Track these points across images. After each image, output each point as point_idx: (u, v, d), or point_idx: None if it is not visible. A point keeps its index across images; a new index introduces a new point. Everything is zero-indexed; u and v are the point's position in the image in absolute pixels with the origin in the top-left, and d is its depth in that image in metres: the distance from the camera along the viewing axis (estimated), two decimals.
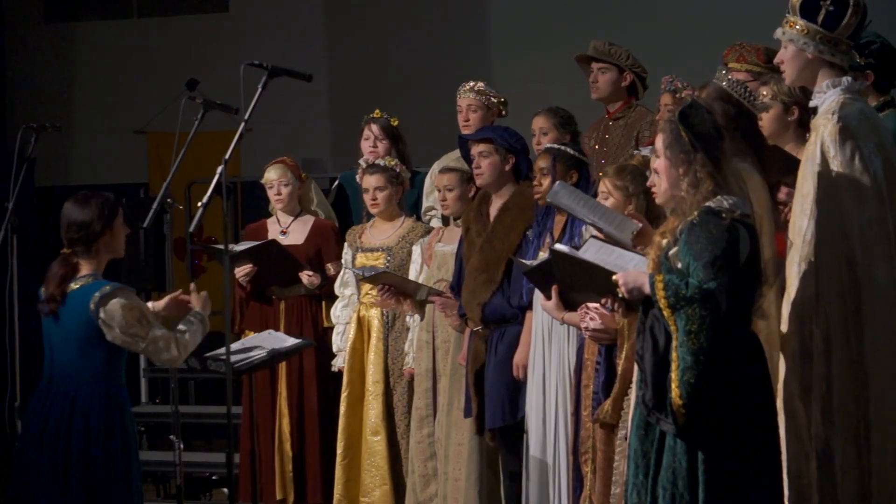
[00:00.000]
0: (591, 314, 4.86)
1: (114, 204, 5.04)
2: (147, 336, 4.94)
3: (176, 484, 5.51)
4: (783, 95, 4.72)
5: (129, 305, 4.92)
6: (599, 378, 4.98)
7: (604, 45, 6.52)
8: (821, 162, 4.19)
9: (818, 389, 4.16)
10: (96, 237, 4.97)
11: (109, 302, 4.90)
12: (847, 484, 4.13)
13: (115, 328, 4.91)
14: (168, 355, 4.99)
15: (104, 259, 5.06)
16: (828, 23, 4.25)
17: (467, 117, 6.67)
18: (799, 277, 4.19)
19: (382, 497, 6.50)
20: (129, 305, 4.92)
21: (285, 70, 5.22)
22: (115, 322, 4.91)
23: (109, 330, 4.92)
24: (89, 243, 4.98)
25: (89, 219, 4.96)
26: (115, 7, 11.78)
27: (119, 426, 4.99)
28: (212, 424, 8.87)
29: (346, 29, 11.09)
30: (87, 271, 4.99)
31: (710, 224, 3.89)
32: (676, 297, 3.84)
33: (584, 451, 5.09)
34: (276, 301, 6.93)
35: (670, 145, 4.03)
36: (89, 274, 4.99)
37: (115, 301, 4.91)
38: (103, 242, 5.00)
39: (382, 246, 6.61)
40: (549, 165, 5.55)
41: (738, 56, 5.60)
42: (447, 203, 6.21)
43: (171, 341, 4.98)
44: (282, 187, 6.94)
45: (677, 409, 3.85)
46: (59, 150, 10.96)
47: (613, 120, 6.51)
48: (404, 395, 6.50)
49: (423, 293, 6.11)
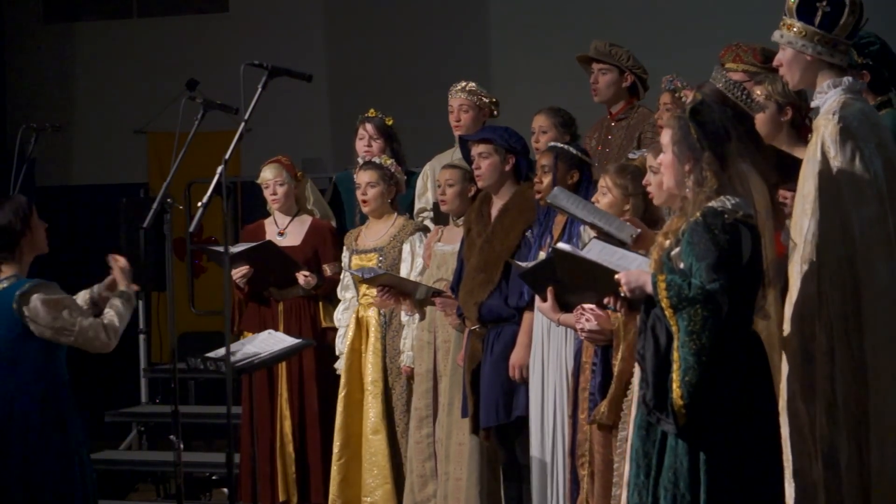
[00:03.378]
0: (587, 315, 4.87)
1: (27, 202, 5.15)
2: (74, 328, 5.02)
3: (176, 484, 5.51)
4: (777, 96, 4.72)
5: (49, 300, 5.00)
6: (595, 379, 4.98)
7: (604, 46, 6.51)
8: (821, 162, 4.19)
9: (822, 389, 4.15)
10: (19, 238, 5.07)
11: (30, 299, 5.00)
12: (851, 485, 4.13)
13: (41, 324, 5.00)
14: (99, 343, 5.07)
15: (28, 258, 5.14)
16: (825, 24, 4.25)
17: (458, 117, 6.68)
18: (800, 278, 4.19)
19: (384, 496, 6.51)
20: (50, 300, 5.01)
21: (285, 70, 5.22)
22: (39, 318, 5.00)
23: (36, 326, 5.00)
24: (13, 246, 5.08)
25: (7, 221, 5.06)
26: (115, 7, 11.77)
27: (58, 427, 5.01)
28: (212, 424, 8.86)
29: (346, 29, 11.09)
30: (9, 273, 5.08)
31: (713, 224, 3.89)
32: (679, 298, 3.84)
33: (580, 454, 5.09)
34: (274, 302, 6.94)
35: (678, 141, 4.03)
36: (12, 275, 5.08)
37: (35, 297, 5.00)
38: (26, 241, 5.10)
39: (375, 247, 6.62)
40: (550, 163, 5.55)
41: (734, 56, 5.60)
42: (446, 199, 6.21)
43: (98, 329, 5.06)
44: (277, 187, 6.95)
45: (678, 409, 3.85)
46: (59, 150, 10.96)
47: (616, 121, 6.50)
48: (403, 393, 6.50)
49: (423, 293, 6.12)
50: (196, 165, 7.12)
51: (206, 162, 6.08)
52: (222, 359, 5.36)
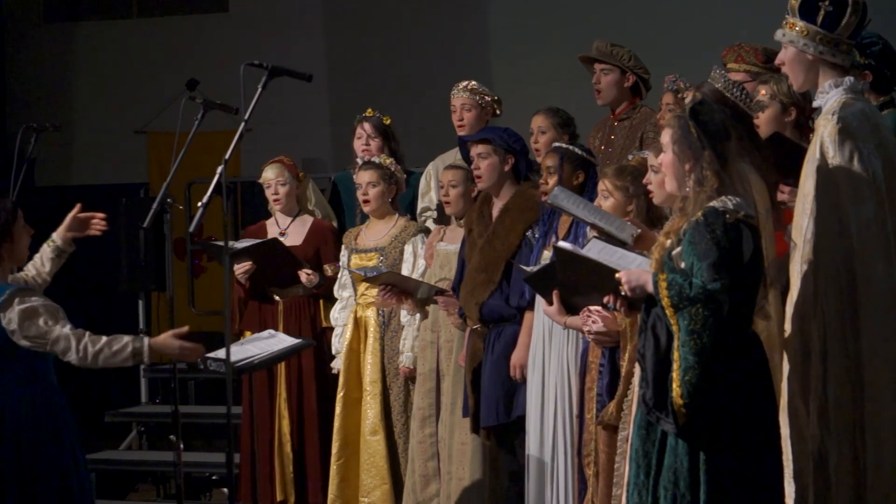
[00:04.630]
0: (594, 317, 4.86)
1: (11, 209, 4.99)
2: (49, 337, 4.85)
3: (176, 484, 5.51)
4: (782, 96, 4.72)
5: (26, 309, 4.84)
6: (603, 380, 4.97)
7: (606, 46, 6.50)
8: (820, 162, 4.19)
9: (815, 390, 4.15)
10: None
11: (8, 308, 4.84)
12: (842, 485, 4.12)
13: (17, 332, 4.85)
14: (70, 356, 4.87)
15: (6, 266, 5.00)
16: (827, 23, 4.24)
17: (461, 116, 6.67)
18: (800, 277, 4.19)
19: (382, 496, 6.50)
20: (26, 309, 4.84)
21: (285, 70, 5.22)
22: (14, 326, 4.85)
23: (14, 335, 4.85)
24: None
25: None
26: (115, 7, 11.78)
27: (51, 431, 4.93)
28: (212, 424, 8.87)
29: (346, 29, 11.09)
30: None
31: (714, 224, 3.89)
32: (680, 297, 3.84)
33: (587, 454, 5.08)
34: (274, 301, 6.93)
35: (678, 140, 4.03)
36: None
37: (11, 308, 4.83)
38: (5, 250, 4.96)
39: (376, 246, 6.61)
40: (556, 164, 5.53)
41: (736, 56, 5.60)
42: (449, 200, 6.20)
43: (70, 341, 4.85)
44: (279, 187, 6.94)
45: (678, 408, 3.85)
46: (59, 150, 10.97)
47: (619, 121, 6.50)
48: (401, 393, 6.49)
49: (425, 292, 6.11)
50: (196, 165, 7.13)
51: (206, 162, 6.08)
52: (222, 359, 5.35)
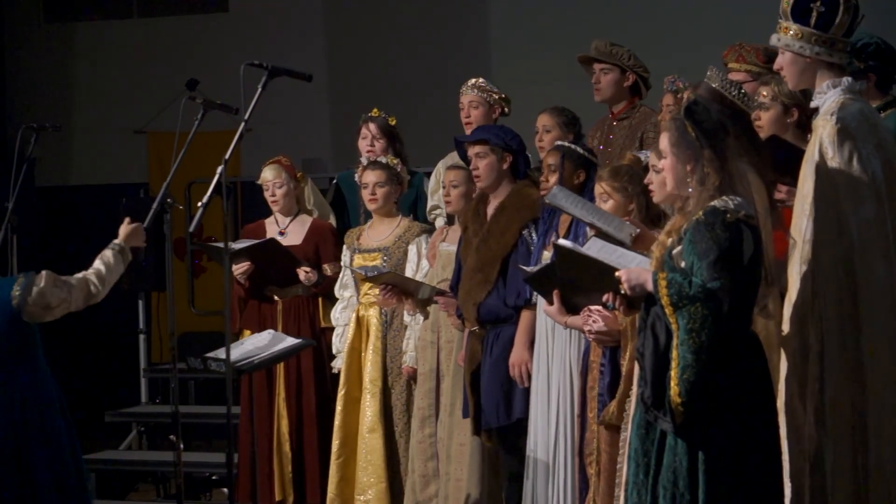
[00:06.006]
0: (594, 317, 4.85)
1: None
2: (70, 296, 5.12)
3: (176, 484, 5.51)
4: (783, 97, 4.72)
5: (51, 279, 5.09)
6: (604, 380, 4.97)
7: (605, 46, 6.50)
8: (819, 162, 4.19)
9: (811, 390, 4.16)
10: None
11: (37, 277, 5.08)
12: (840, 486, 4.12)
13: (45, 295, 5.07)
14: (93, 297, 5.17)
15: None
16: (821, 24, 4.25)
17: (469, 114, 6.67)
18: (799, 278, 4.19)
19: (378, 495, 6.49)
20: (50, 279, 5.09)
21: (285, 70, 5.22)
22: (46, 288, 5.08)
23: (48, 311, 5.07)
24: None
25: None
26: (115, 7, 11.77)
27: (47, 431, 4.99)
28: (212, 424, 8.86)
29: (346, 29, 11.09)
30: None
31: (714, 224, 3.89)
32: (679, 296, 3.84)
33: (588, 454, 5.08)
34: (273, 301, 6.93)
35: (677, 142, 4.03)
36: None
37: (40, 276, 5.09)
38: None
39: (379, 246, 6.61)
40: (557, 163, 5.53)
41: (737, 56, 5.60)
42: (451, 200, 6.20)
43: (88, 281, 5.16)
44: (276, 189, 6.95)
45: (676, 407, 3.85)
46: (59, 150, 10.97)
47: (618, 120, 6.50)
48: (402, 393, 6.50)
49: (426, 292, 6.11)
50: (196, 165, 7.13)
51: (206, 162, 6.08)
52: (222, 359, 5.35)
